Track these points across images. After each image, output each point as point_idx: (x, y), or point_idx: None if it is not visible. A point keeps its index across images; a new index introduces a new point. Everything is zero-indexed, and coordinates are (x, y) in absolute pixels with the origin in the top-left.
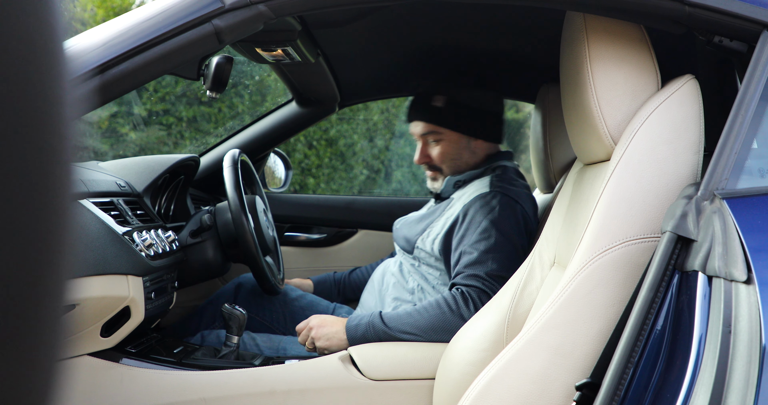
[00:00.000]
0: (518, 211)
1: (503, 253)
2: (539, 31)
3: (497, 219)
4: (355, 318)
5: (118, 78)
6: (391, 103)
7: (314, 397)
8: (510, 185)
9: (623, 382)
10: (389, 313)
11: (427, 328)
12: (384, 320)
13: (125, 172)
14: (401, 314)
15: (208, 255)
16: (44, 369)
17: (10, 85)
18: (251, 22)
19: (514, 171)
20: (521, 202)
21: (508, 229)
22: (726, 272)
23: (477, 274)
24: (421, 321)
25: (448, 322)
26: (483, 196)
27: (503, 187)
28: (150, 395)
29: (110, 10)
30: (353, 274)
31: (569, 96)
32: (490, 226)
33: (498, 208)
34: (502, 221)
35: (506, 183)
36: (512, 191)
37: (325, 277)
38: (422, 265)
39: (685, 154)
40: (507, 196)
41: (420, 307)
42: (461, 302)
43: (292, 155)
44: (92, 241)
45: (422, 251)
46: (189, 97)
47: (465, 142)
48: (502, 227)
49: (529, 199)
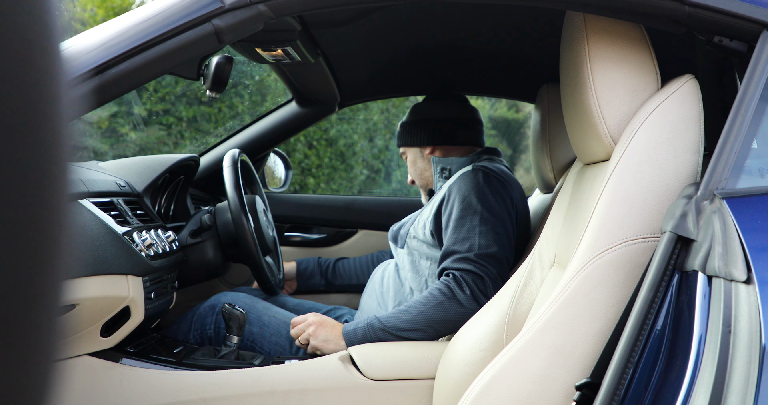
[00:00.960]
0: (503, 189)
1: (489, 227)
2: (539, 31)
3: (482, 194)
4: (352, 323)
5: (118, 78)
6: (391, 103)
7: (314, 397)
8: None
9: (623, 382)
10: (385, 314)
11: (428, 322)
12: (381, 321)
13: (125, 172)
14: (397, 312)
15: (208, 255)
16: (41, 369)
17: (6, 85)
18: (251, 22)
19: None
20: (505, 182)
21: (493, 203)
22: (726, 272)
23: (466, 257)
24: (420, 315)
25: (447, 310)
26: (467, 174)
27: (486, 166)
28: (150, 395)
29: (110, 10)
30: (339, 262)
31: (569, 96)
32: (475, 201)
33: (482, 183)
34: (486, 196)
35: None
36: (497, 170)
37: (309, 260)
38: (418, 258)
39: (685, 154)
40: (492, 172)
41: (415, 302)
42: (456, 288)
43: (292, 155)
44: (92, 241)
45: (414, 239)
46: (189, 97)
47: (417, 153)
48: (487, 202)
49: (513, 181)
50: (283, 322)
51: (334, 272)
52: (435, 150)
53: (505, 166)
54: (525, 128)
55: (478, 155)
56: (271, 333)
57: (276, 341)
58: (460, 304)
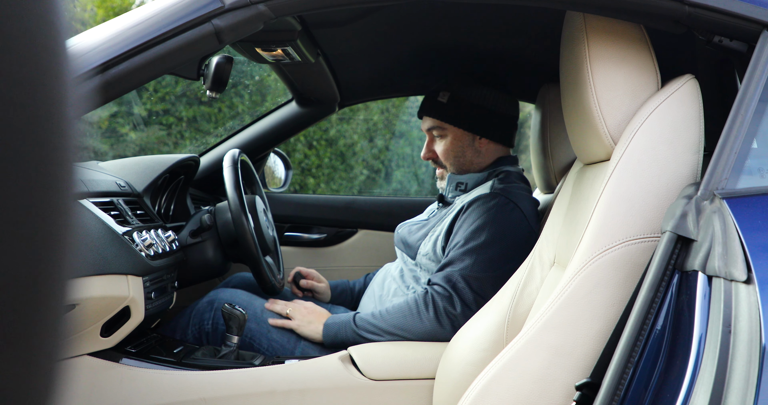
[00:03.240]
0: (516, 215)
1: (487, 255)
2: (539, 31)
3: (491, 220)
4: (337, 317)
5: (118, 78)
6: (391, 103)
7: (314, 397)
8: (511, 188)
9: (623, 381)
10: (363, 315)
11: (394, 330)
12: (355, 321)
13: (125, 172)
14: (371, 317)
15: (208, 255)
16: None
17: (12, 84)
18: (251, 21)
19: (518, 175)
20: (521, 206)
21: (499, 231)
22: (726, 272)
23: (450, 277)
24: (383, 324)
25: (409, 324)
26: (483, 197)
27: (504, 189)
28: (150, 395)
29: (110, 10)
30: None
31: (569, 96)
32: (482, 226)
33: (495, 210)
34: (495, 223)
35: (507, 185)
36: (513, 194)
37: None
38: (423, 271)
39: (685, 154)
40: (506, 198)
41: (391, 308)
42: (422, 306)
43: (292, 155)
44: (92, 241)
45: (424, 257)
46: (189, 97)
47: (469, 139)
48: (494, 229)
49: (530, 202)
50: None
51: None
52: (483, 142)
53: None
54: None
55: (495, 166)
56: (269, 329)
57: (274, 338)
58: (422, 321)
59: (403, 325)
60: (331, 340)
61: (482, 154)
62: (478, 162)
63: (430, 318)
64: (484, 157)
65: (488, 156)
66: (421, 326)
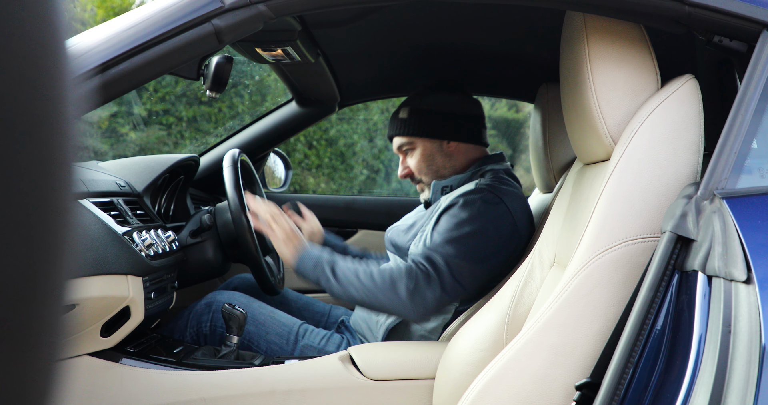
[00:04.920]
0: (500, 210)
1: (467, 247)
2: (539, 31)
3: (475, 214)
4: (317, 254)
5: (118, 78)
6: (391, 103)
7: (314, 397)
8: (497, 184)
9: (623, 381)
10: (343, 266)
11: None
12: (334, 271)
13: (125, 172)
14: (350, 272)
15: (208, 255)
16: (44, 369)
17: (12, 84)
18: (251, 21)
19: (505, 172)
20: (506, 201)
21: (481, 225)
22: (726, 272)
23: (430, 256)
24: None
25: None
26: (468, 193)
27: (489, 185)
28: (150, 395)
29: (110, 10)
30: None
31: (569, 96)
32: (464, 220)
33: (479, 204)
34: (477, 217)
35: (493, 182)
36: (498, 190)
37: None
38: None
39: (685, 154)
40: (491, 193)
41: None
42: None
43: (292, 155)
44: (92, 241)
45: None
46: (189, 97)
47: (436, 146)
48: (477, 223)
49: (516, 198)
50: (279, 321)
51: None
52: (452, 145)
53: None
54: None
55: (479, 166)
56: (267, 331)
57: (273, 340)
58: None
59: (375, 292)
60: (302, 272)
61: (454, 156)
62: (452, 164)
63: (405, 292)
64: (457, 159)
65: (462, 157)
66: (392, 298)
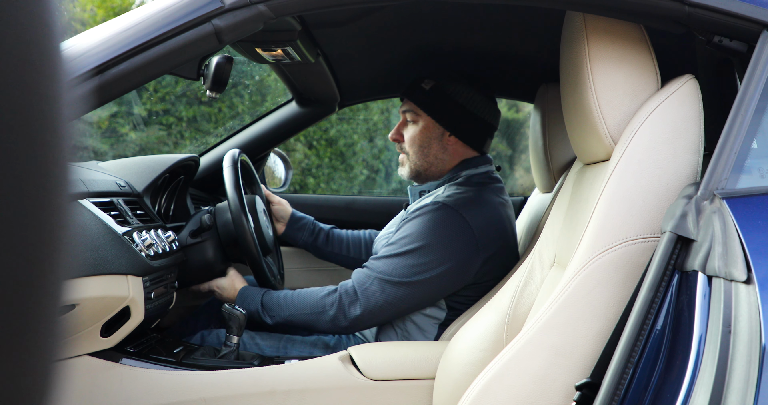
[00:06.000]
0: (456, 224)
1: (406, 263)
2: (539, 31)
3: (422, 230)
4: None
5: (118, 78)
6: (391, 103)
7: (314, 397)
8: (462, 196)
9: (623, 382)
10: (273, 297)
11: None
12: (263, 302)
13: (125, 172)
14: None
15: (208, 255)
16: (41, 369)
17: (6, 84)
18: (251, 21)
19: (484, 176)
20: (466, 215)
21: (428, 242)
22: (726, 272)
23: (365, 280)
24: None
25: (312, 318)
26: (426, 205)
27: (450, 198)
28: (150, 395)
29: (110, 10)
30: (334, 230)
31: (569, 96)
32: (412, 235)
33: (430, 220)
34: (426, 234)
35: (458, 193)
36: (459, 204)
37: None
38: None
39: (685, 154)
40: (451, 207)
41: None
42: (327, 304)
43: (292, 155)
44: (92, 241)
45: None
46: (189, 97)
47: (438, 132)
48: (423, 239)
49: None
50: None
51: (326, 238)
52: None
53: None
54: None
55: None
56: (252, 335)
57: (271, 343)
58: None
59: (305, 319)
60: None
61: (447, 151)
62: (441, 158)
63: (331, 316)
64: (448, 155)
65: (453, 156)
66: (323, 321)
